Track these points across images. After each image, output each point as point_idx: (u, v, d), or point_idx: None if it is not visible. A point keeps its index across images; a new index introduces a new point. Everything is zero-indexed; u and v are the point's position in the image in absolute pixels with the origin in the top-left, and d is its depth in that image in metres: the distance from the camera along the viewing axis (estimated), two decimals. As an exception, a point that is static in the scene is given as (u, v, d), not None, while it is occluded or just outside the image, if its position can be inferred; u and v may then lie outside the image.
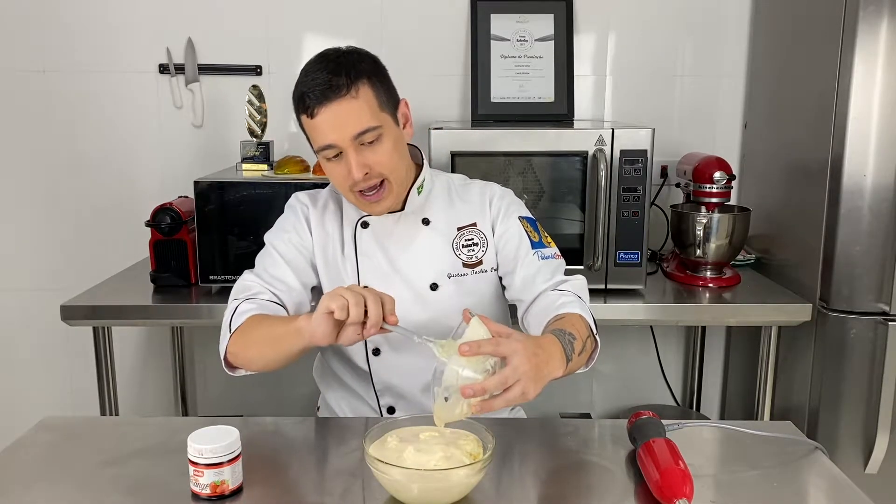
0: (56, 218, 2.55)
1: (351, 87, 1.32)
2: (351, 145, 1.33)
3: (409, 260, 1.48)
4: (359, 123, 1.32)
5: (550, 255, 1.49)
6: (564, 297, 1.40)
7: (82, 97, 2.48)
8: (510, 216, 1.51)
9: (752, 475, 1.19)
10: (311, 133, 1.37)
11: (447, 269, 1.48)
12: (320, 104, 1.32)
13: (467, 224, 1.50)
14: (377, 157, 1.35)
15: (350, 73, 1.32)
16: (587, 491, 1.15)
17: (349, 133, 1.32)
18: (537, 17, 2.42)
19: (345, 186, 1.38)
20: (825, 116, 1.96)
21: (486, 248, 1.50)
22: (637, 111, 2.50)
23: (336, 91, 1.31)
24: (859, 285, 1.94)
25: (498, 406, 1.08)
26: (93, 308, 1.97)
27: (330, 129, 1.33)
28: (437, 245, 1.48)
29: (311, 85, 1.33)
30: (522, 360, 1.09)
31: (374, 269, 1.47)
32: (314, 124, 1.34)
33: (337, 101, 1.31)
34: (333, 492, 1.15)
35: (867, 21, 1.84)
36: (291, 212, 1.53)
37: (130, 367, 2.64)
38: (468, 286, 1.48)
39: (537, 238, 1.50)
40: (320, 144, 1.35)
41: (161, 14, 2.45)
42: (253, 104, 2.19)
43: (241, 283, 1.46)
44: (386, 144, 1.36)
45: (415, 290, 1.47)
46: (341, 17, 2.45)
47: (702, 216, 2.14)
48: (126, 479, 1.17)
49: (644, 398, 2.68)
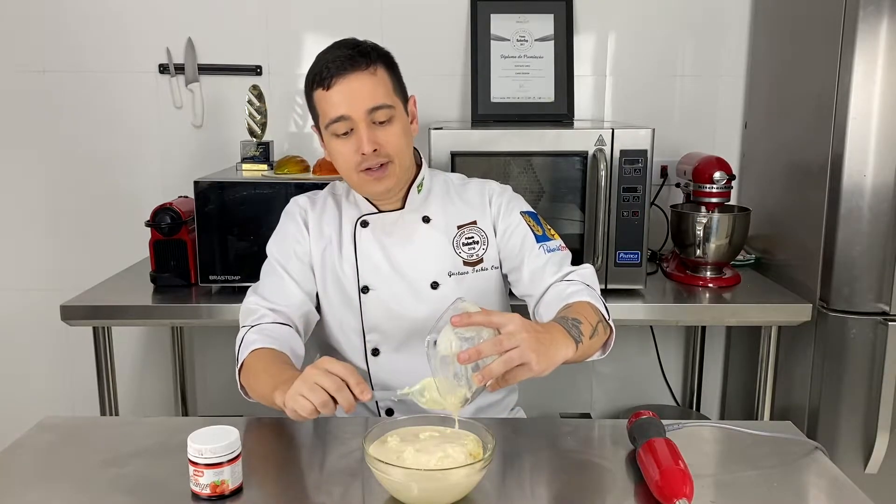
0: (56, 218, 2.56)
1: (370, 64, 1.36)
2: (364, 119, 1.35)
3: (410, 258, 1.48)
4: (374, 98, 1.35)
5: (556, 248, 1.49)
6: (573, 286, 1.40)
7: (82, 97, 2.48)
8: (511, 212, 1.51)
9: (752, 475, 1.19)
10: (323, 106, 1.37)
11: (448, 268, 1.48)
12: (339, 75, 1.34)
13: (467, 222, 1.50)
14: (387, 137, 1.37)
15: (370, 55, 1.37)
16: (587, 491, 1.15)
17: (364, 106, 1.34)
18: (537, 17, 2.42)
19: (350, 166, 1.39)
20: (825, 116, 1.96)
21: (486, 246, 1.50)
22: (637, 111, 2.50)
23: (355, 65, 1.34)
24: (859, 285, 1.94)
25: (498, 370, 1.05)
26: (93, 308, 1.97)
27: (345, 101, 1.35)
28: (438, 243, 1.48)
29: (330, 59, 1.35)
30: (518, 327, 1.07)
31: (374, 268, 1.47)
32: (328, 96, 1.35)
33: (356, 74, 1.34)
34: (333, 492, 1.14)
35: (867, 21, 1.84)
36: (290, 219, 1.53)
37: (130, 367, 2.64)
38: (469, 284, 1.48)
39: (541, 231, 1.50)
40: (332, 117, 1.36)
41: (161, 14, 2.45)
42: (253, 104, 2.19)
43: (246, 307, 1.47)
44: (396, 127, 1.38)
45: (415, 289, 1.47)
46: (341, 17, 2.45)
47: (702, 216, 2.14)
48: (126, 479, 1.17)
49: (644, 398, 2.69)
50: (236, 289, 2.02)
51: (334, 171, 2.08)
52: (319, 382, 1.13)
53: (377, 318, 1.47)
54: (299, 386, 1.14)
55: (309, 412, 1.13)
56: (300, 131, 2.52)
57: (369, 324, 1.48)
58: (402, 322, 1.46)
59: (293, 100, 2.50)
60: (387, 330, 1.48)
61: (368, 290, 1.47)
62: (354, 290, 1.48)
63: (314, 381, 1.14)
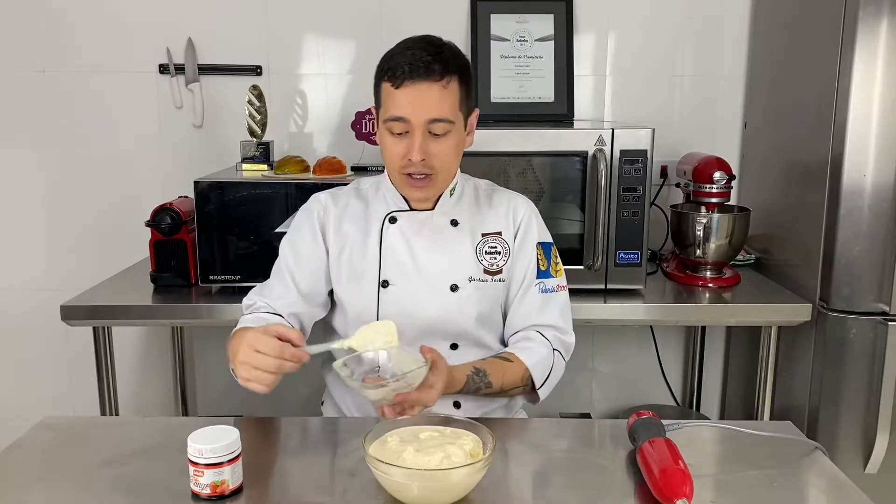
0: (56, 218, 2.56)
1: (445, 75, 1.35)
2: (422, 127, 1.35)
3: (434, 259, 1.49)
4: (438, 110, 1.35)
5: (552, 288, 1.52)
6: (532, 342, 1.49)
7: (82, 97, 2.48)
8: (528, 239, 1.52)
9: (752, 475, 1.19)
10: (388, 101, 1.38)
11: (469, 273, 1.49)
12: (411, 79, 1.34)
13: (492, 232, 1.52)
14: (438, 150, 1.38)
15: (449, 65, 1.36)
16: (587, 491, 1.15)
17: (426, 115, 1.35)
18: (537, 17, 2.42)
19: (396, 165, 1.40)
20: (825, 116, 1.96)
21: (507, 259, 1.51)
22: (637, 111, 2.50)
23: (431, 73, 1.34)
24: (859, 285, 1.94)
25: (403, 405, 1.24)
26: (93, 308, 1.97)
27: (409, 105, 1.35)
28: (463, 247, 1.50)
29: (408, 58, 1.34)
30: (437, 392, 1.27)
31: (397, 264, 1.48)
32: (395, 94, 1.36)
33: (428, 83, 1.34)
34: (333, 492, 1.15)
35: (867, 21, 1.84)
36: (307, 218, 1.54)
37: (130, 367, 2.64)
38: (486, 292, 1.50)
39: (545, 266, 1.52)
40: (392, 115, 1.36)
41: (161, 14, 2.45)
42: (253, 104, 2.19)
43: (245, 303, 1.53)
44: (451, 141, 1.39)
45: (434, 289, 1.47)
46: (341, 17, 2.45)
47: (702, 216, 2.14)
48: (126, 479, 1.17)
49: (644, 398, 2.69)
50: (236, 289, 2.02)
51: (334, 171, 2.10)
52: (260, 347, 1.19)
53: (393, 314, 1.48)
54: (244, 372, 1.21)
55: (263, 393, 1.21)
56: (300, 131, 2.52)
57: (384, 319, 1.49)
58: (416, 320, 1.47)
59: (293, 100, 2.50)
60: (401, 327, 1.48)
61: (388, 284, 1.48)
62: (374, 284, 1.48)
63: (254, 365, 1.20)
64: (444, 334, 1.49)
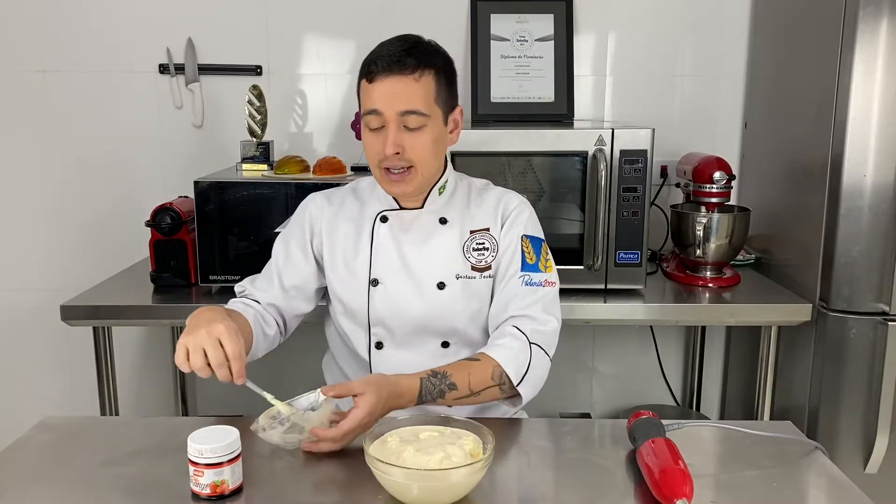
0: (56, 218, 2.55)
1: (417, 69, 1.37)
2: (395, 120, 1.37)
3: (421, 257, 1.49)
4: (409, 103, 1.36)
5: (538, 283, 1.48)
6: (504, 338, 1.42)
7: (82, 97, 2.48)
8: (513, 230, 1.51)
9: (752, 475, 1.19)
10: (364, 96, 1.41)
11: (456, 270, 1.49)
12: (383, 73, 1.36)
13: (480, 228, 1.51)
14: (413, 144, 1.39)
15: (422, 59, 1.38)
16: (587, 491, 1.15)
17: (398, 108, 1.36)
18: (537, 17, 2.42)
19: (374, 160, 1.42)
20: (825, 116, 1.96)
21: (495, 254, 1.51)
22: (637, 111, 2.50)
23: (403, 67, 1.36)
24: (859, 285, 1.94)
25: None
26: (93, 308, 1.97)
27: (381, 98, 1.37)
28: (450, 245, 1.50)
29: (382, 54, 1.38)
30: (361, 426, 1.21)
31: (386, 262, 1.49)
32: (370, 89, 1.38)
33: (399, 76, 1.36)
34: (333, 492, 1.15)
35: (867, 21, 1.84)
36: (300, 219, 1.57)
37: (130, 367, 2.64)
38: (474, 289, 1.49)
39: (533, 260, 1.49)
40: (367, 108, 1.39)
41: (161, 14, 2.45)
42: (253, 104, 2.19)
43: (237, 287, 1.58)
44: (426, 136, 1.39)
45: (421, 287, 1.48)
46: (341, 17, 2.45)
47: (702, 216, 2.14)
48: (126, 479, 1.17)
49: (644, 398, 2.69)
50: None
51: (334, 171, 2.10)
52: (207, 350, 1.19)
53: (382, 312, 1.49)
54: (190, 340, 1.20)
55: (184, 369, 1.21)
56: (300, 131, 2.53)
57: (375, 317, 1.50)
58: (404, 318, 1.48)
59: (293, 100, 2.50)
60: (391, 325, 1.49)
61: (378, 283, 1.48)
62: (365, 283, 1.49)
63: (203, 346, 1.19)
64: (434, 332, 1.49)
